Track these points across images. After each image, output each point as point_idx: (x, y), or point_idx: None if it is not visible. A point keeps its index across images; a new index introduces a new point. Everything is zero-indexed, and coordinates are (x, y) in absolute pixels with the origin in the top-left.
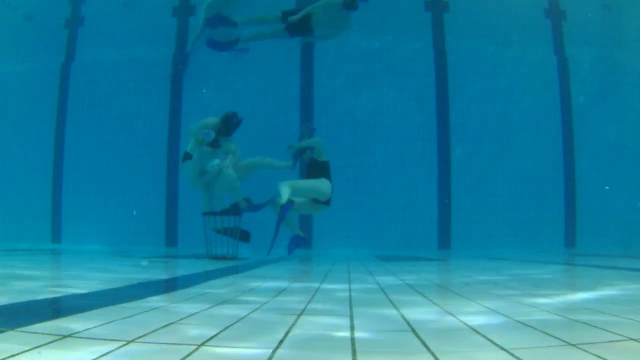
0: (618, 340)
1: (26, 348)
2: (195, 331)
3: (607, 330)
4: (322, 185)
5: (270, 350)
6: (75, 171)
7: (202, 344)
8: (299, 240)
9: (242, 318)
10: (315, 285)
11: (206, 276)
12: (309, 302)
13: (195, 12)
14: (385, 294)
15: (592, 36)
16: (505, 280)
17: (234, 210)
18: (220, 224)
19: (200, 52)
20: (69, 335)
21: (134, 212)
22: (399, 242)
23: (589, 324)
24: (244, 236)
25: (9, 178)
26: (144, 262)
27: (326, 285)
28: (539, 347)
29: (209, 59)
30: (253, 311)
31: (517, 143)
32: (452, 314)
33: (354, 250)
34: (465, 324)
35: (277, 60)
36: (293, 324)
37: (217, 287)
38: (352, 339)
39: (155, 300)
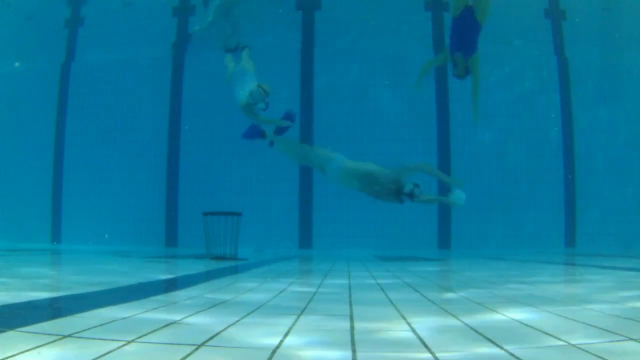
0: None
1: (27, 347)
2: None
3: None
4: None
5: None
6: (75, 171)
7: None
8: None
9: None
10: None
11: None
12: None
13: (195, 12)
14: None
15: (592, 36)
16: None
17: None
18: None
19: (200, 54)
20: (69, 335)
21: (134, 212)
22: (399, 242)
23: None
24: None
25: (9, 178)
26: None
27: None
28: None
29: (209, 58)
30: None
31: (517, 142)
32: None
33: (354, 250)
34: None
35: (278, 61)
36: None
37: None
38: None
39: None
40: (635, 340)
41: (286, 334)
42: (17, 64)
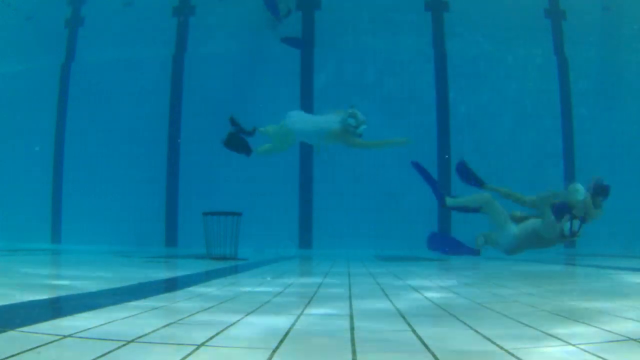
0: None
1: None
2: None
3: None
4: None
5: None
6: (75, 171)
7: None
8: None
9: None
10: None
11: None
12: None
13: (195, 12)
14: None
15: (592, 36)
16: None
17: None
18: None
19: (200, 55)
20: (69, 336)
21: (134, 212)
22: (399, 242)
23: None
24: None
25: (9, 178)
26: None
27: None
28: None
29: (209, 57)
30: None
31: (517, 142)
32: None
33: (354, 250)
34: None
35: (278, 61)
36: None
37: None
38: None
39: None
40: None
41: None
42: (17, 64)
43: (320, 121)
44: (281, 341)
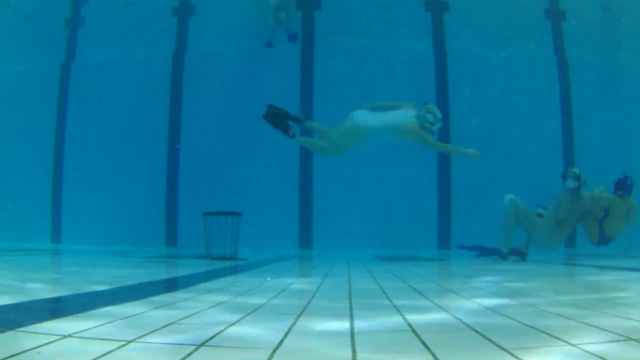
0: None
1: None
2: None
3: None
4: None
5: None
6: (75, 171)
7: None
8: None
9: None
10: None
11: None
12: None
13: (195, 11)
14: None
15: (592, 36)
16: None
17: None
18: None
19: (200, 55)
20: (69, 336)
21: (134, 212)
22: (399, 242)
23: None
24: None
25: (9, 178)
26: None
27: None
28: None
29: (210, 61)
30: None
31: (517, 142)
32: None
33: (354, 250)
34: None
35: (278, 61)
36: None
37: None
38: None
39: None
40: None
41: None
42: (17, 64)
43: (393, 116)
44: None
